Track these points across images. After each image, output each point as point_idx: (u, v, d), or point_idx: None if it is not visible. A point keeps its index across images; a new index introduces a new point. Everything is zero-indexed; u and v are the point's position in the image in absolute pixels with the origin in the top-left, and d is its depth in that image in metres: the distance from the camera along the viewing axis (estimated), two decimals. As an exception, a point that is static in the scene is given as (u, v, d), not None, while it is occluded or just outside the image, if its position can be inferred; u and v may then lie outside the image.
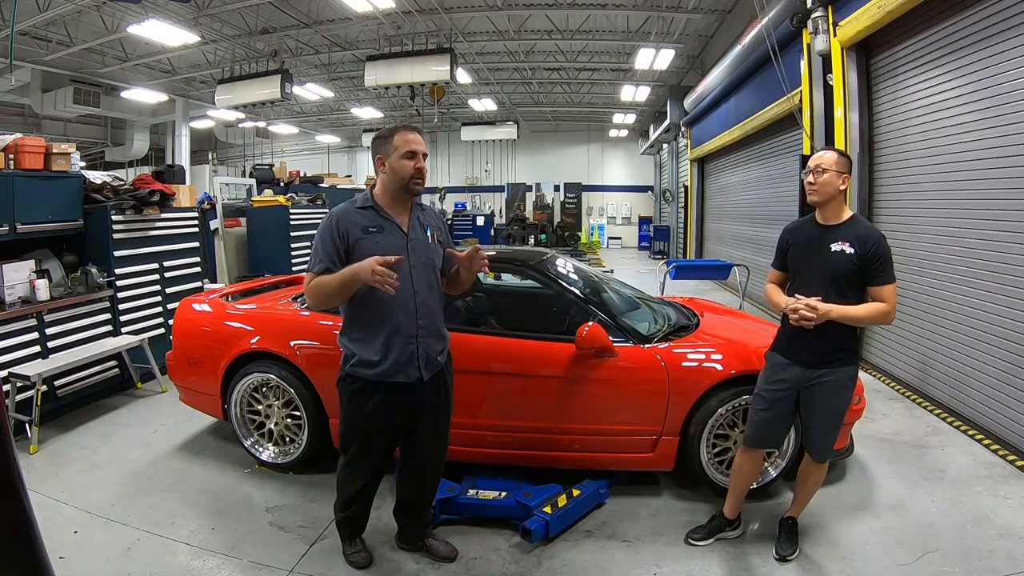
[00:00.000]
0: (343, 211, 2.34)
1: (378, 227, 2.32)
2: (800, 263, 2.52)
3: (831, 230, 2.43)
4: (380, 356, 2.30)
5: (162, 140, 17.36)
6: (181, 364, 3.72)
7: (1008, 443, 3.66)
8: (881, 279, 2.36)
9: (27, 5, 8.90)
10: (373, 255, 2.17)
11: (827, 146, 2.54)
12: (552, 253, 3.80)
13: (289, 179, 10.18)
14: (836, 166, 2.40)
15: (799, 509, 2.71)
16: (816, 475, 2.64)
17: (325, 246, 2.27)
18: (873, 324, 2.47)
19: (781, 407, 2.53)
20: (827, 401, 2.45)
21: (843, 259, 2.37)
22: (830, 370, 2.42)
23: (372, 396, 2.35)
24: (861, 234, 2.38)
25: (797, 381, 2.47)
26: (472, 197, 22.38)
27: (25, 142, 4.24)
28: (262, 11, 10.73)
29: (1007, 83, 3.69)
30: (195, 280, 5.59)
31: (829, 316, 2.32)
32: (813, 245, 2.46)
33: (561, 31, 11.83)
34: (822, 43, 5.55)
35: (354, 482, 2.50)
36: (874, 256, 2.34)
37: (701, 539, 2.72)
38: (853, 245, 2.36)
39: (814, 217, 2.52)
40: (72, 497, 3.12)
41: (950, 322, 4.33)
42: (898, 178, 5.07)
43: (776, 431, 2.61)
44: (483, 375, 3.15)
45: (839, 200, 2.44)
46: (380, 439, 2.44)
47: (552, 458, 3.15)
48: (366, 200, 2.37)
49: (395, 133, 2.35)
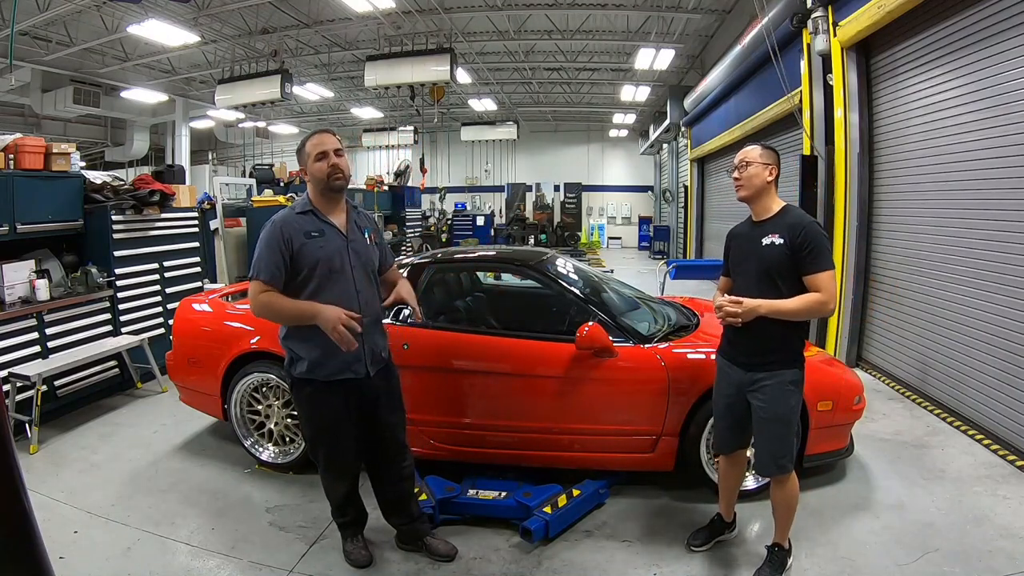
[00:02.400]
0: (284, 218, 2.38)
1: (319, 231, 2.37)
2: (737, 263, 2.48)
3: (763, 224, 2.38)
4: (328, 356, 2.35)
5: (162, 140, 17.36)
6: (181, 364, 3.72)
7: (1008, 443, 3.66)
8: (814, 266, 2.24)
9: (27, 5, 8.89)
10: (318, 258, 2.31)
11: (755, 143, 2.48)
12: (552, 253, 3.80)
13: (289, 179, 10.20)
14: (761, 158, 2.37)
15: (780, 534, 2.49)
16: (782, 496, 2.42)
17: (272, 254, 2.30)
18: (810, 316, 2.31)
19: (734, 413, 2.46)
20: (767, 407, 2.31)
21: (774, 251, 2.29)
22: (768, 373, 2.31)
23: (327, 396, 2.41)
24: (790, 223, 2.30)
25: (740, 385, 2.39)
26: (472, 197, 22.38)
27: (25, 142, 4.24)
28: (262, 11, 10.72)
29: (1007, 83, 3.69)
30: (195, 280, 5.60)
31: (758, 312, 2.23)
32: (748, 243, 2.42)
33: (561, 31, 11.82)
34: (822, 43, 5.55)
35: (337, 486, 2.54)
36: (803, 243, 2.24)
37: (701, 544, 2.70)
38: (783, 236, 2.29)
39: (751, 216, 2.47)
40: (72, 497, 3.12)
41: (950, 322, 4.33)
42: (898, 178, 5.07)
43: (737, 435, 2.53)
44: (483, 375, 3.15)
45: (769, 193, 2.39)
46: (345, 437, 2.48)
47: (552, 458, 3.15)
48: (304, 205, 2.42)
49: (306, 140, 2.42)
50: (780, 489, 2.43)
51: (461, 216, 18.91)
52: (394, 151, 17.93)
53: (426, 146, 18.32)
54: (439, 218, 18.03)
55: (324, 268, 2.34)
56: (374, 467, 2.62)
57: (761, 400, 2.34)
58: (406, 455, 2.65)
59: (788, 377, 2.32)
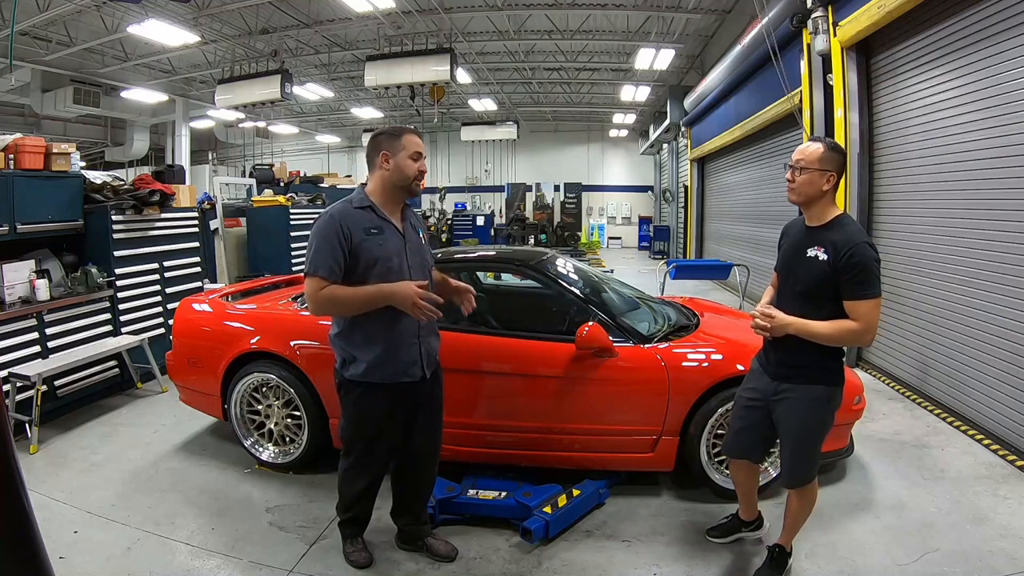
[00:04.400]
0: (343, 211, 2.29)
1: (378, 228, 2.30)
2: (784, 268, 2.32)
3: (813, 233, 2.19)
4: (386, 358, 2.29)
5: (162, 140, 17.36)
6: (181, 364, 3.72)
7: (1008, 443, 3.66)
8: (855, 293, 2.05)
9: (27, 5, 8.90)
10: (377, 257, 2.22)
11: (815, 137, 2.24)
12: (552, 253, 3.80)
13: (289, 179, 10.19)
14: (820, 164, 2.13)
15: (786, 536, 2.44)
16: (797, 505, 2.37)
17: (331, 249, 2.20)
18: (842, 344, 2.14)
19: (751, 417, 2.38)
20: (791, 419, 2.23)
21: (816, 266, 2.12)
22: (794, 386, 2.20)
23: (377, 399, 2.35)
24: (838, 239, 2.09)
25: (765, 392, 2.31)
26: (472, 197, 22.38)
27: (25, 142, 4.24)
28: (262, 11, 10.73)
29: (1007, 83, 3.69)
30: (195, 280, 5.60)
31: (787, 330, 2.12)
32: (795, 249, 2.24)
33: (561, 31, 11.83)
34: (822, 43, 5.55)
35: (357, 483, 2.50)
36: (848, 265, 2.04)
37: (718, 536, 2.69)
38: (827, 251, 2.09)
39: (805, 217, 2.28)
40: (72, 497, 3.12)
41: (950, 322, 4.33)
42: (898, 178, 5.07)
43: (745, 441, 2.43)
44: (483, 375, 3.15)
45: (824, 201, 2.17)
46: (384, 440, 2.44)
47: (552, 458, 3.15)
48: (362, 200, 2.34)
49: (404, 133, 2.36)
50: (798, 498, 2.37)
51: (461, 216, 18.91)
52: (394, 151, 17.87)
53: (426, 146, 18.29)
54: (439, 218, 18.04)
55: (383, 267, 2.25)
56: (403, 468, 2.59)
57: (783, 412, 2.25)
58: (437, 462, 2.64)
59: (814, 393, 2.20)
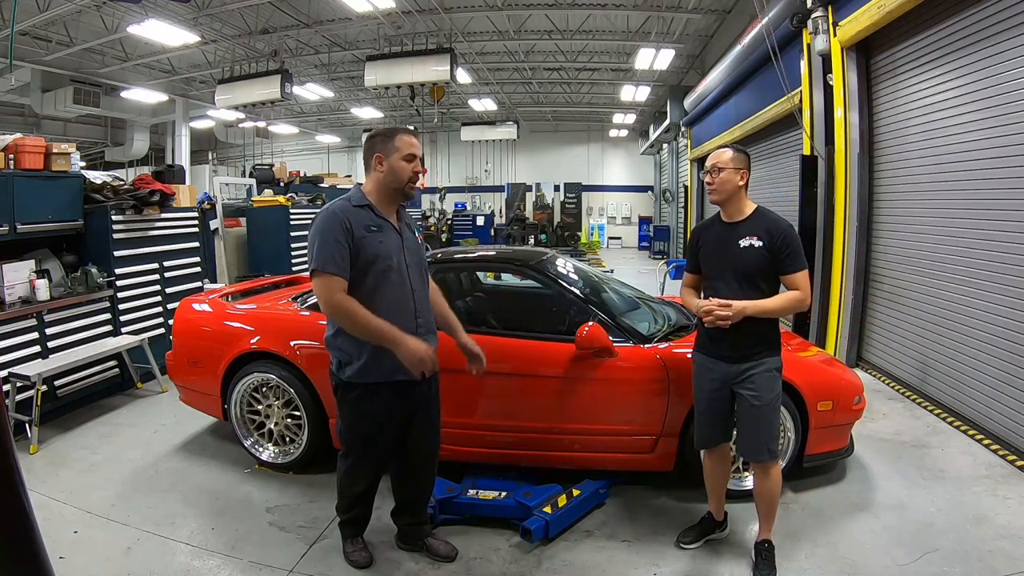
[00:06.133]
0: (343, 207, 2.30)
1: (378, 226, 2.31)
2: (712, 263, 2.54)
3: (737, 226, 2.46)
4: (382, 357, 2.29)
5: (162, 140, 17.36)
6: (181, 364, 3.72)
7: (1008, 443, 3.65)
8: (792, 267, 2.39)
9: (27, 5, 8.89)
10: (377, 254, 2.25)
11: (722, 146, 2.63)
12: (552, 253, 3.80)
13: (289, 179, 10.18)
14: (732, 163, 2.44)
15: (766, 528, 2.55)
16: (769, 486, 2.49)
17: (336, 243, 2.19)
18: (790, 313, 2.50)
19: (718, 406, 2.53)
20: (759, 394, 2.43)
21: (753, 253, 2.40)
22: (756, 363, 2.43)
23: (375, 400, 2.36)
24: (768, 227, 2.41)
25: (726, 378, 2.48)
26: (472, 197, 22.38)
27: (25, 142, 4.24)
28: (262, 11, 10.73)
29: (1007, 83, 3.69)
30: (195, 280, 5.60)
31: (746, 313, 2.34)
32: (722, 243, 2.49)
33: (561, 31, 11.83)
34: (822, 43, 5.55)
35: (356, 484, 2.50)
36: (783, 246, 2.37)
37: (691, 542, 2.71)
38: (761, 238, 2.39)
39: (719, 215, 2.55)
40: (72, 497, 3.12)
41: (950, 322, 4.33)
42: (898, 178, 5.07)
43: (718, 428, 2.59)
44: (483, 375, 3.14)
45: (740, 196, 2.48)
46: (383, 440, 2.44)
47: (552, 458, 3.15)
48: (361, 199, 2.35)
49: (397, 134, 2.35)
50: (767, 479, 2.50)
51: (461, 216, 18.92)
52: (394, 151, 17.87)
53: (426, 146, 18.32)
54: (439, 218, 18.04)
55: (383, 264, 2.27)
56: (403, 469, 2.60)
57: (752, 389, 2.43)
58: (436, 462, 2.65)
59: (774, 364, 2.46)
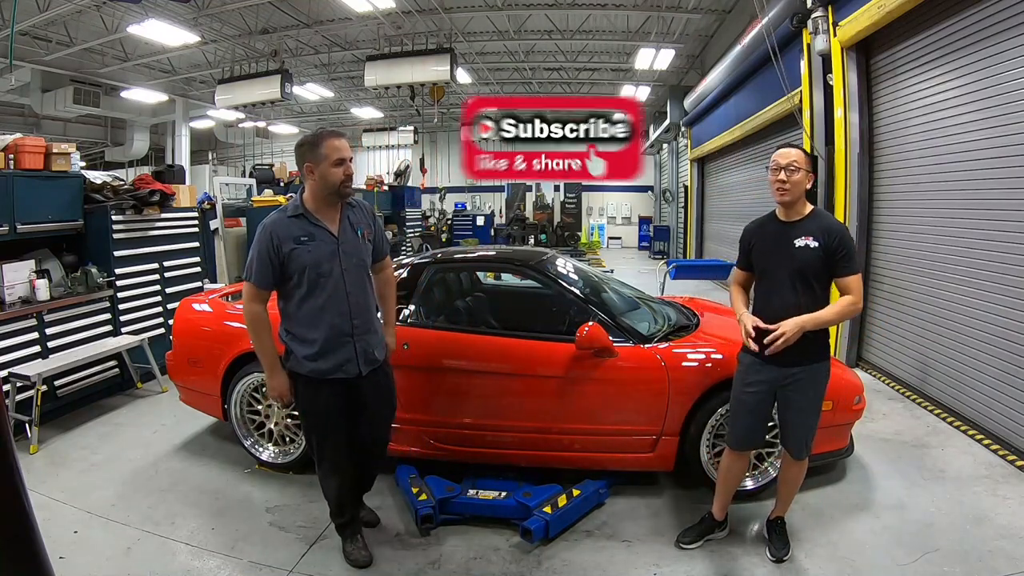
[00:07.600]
0: (275, 222, 2.40)
1: (309, 235, 2.39)
2: (766, 262, 2.52)
3: (794, 226, 2.44)
4: (319, 355, 2.40)
5: (162, 140, 17.37)
6: (181, 364, 3.72)
7: (1008, 443, 3.65)
8: (846, 270, 2.38)
9: (27, 5, 8.90)
10: (306, 264, 2.36)
11: (787, 144, 2.63)
12: (552, 253, 3.80)
13: (289, 179, 10.20)
14: (805, 164, 2.42)
15: (784, 508, 2.69)
16: (798, 473, 2.62)
17: (261, 261, 2.36)
18: (845, 319, 2.53)
19: (761, 409, 2.54)
20: (806, 397, 2.45)
21: (809, 254, 2.38)
22: (806, 367, 2.43)
23: (318, 394, 2.46)
24: (825, 228, 2.40)
25: (772, 381, 2.47)
26: (472, 197, 22.37)
27: (25, 142, 4.24)
28: (262, 11, 10.74)
29: (1007, 83, 3.69)
30: (195, 280, 5.60)
31: (804, 330, 2.33)
32: (778, 243, 2.47)
33: (561, 31, 11.83)
34: (822, 43, 5.54)
35: (330, 482, 2.56)
36: (839, 248, 2.36)
37: (691, 542, 2.71)
38: (818, 239, 2.37)
39: (775, 214, 2.53)
40: (72, 497, 3.12)
41: (950, 322, 4.33)
42: (898, 178, 5.07)
43: (758, 432, 2.61)
44: (483, 375, 3.15)
45: (803, 197, 2.47)
46: (333, 430, 2.52)
47: (552, 458, 3.15)
48: (296, 208, 2.42)
49: (323, 140, 2.37)
50: (797, 468, 2.59)
51: (461, 216, 18.90)
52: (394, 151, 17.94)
53: (426, 146, 18.32)
54: (439, 218, 18.03)
55: (312, 273, 2.38)
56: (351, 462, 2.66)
57: (801, 392, 2.45)
58: (381, 455, 2.76)
59: (823, 368, 2.48)
